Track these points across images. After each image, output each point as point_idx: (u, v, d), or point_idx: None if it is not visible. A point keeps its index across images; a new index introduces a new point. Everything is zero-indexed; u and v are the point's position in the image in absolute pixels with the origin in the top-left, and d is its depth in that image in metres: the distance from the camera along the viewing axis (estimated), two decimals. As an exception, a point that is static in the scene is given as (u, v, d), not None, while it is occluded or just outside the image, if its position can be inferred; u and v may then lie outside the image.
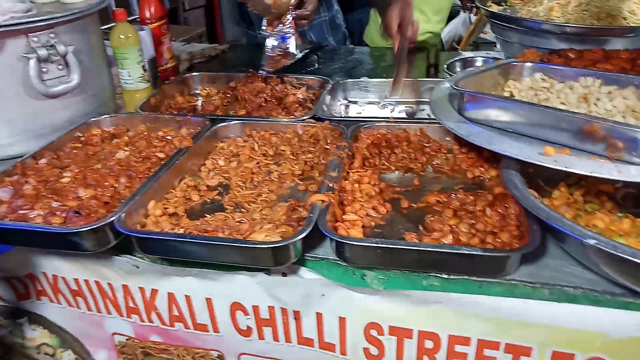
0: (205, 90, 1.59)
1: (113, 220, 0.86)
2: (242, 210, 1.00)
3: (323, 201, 0.89)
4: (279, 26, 1.45)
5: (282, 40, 1.46)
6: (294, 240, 0.79)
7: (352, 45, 2.17)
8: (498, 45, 1.70)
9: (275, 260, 0.82)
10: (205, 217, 0.98)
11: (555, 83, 1.08)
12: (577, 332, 0.76)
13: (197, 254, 0.85)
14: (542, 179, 0.91)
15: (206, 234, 0.86)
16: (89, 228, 0.85)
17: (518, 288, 0.77)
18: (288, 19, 1.44)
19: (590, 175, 0.75)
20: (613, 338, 0.75)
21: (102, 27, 1.48)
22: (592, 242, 0.61)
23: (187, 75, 1.61)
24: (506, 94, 1.11)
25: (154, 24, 1.60)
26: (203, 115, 1.32)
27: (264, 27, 1.48)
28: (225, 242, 0.82)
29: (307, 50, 1.56)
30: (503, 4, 1.70)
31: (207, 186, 1.09)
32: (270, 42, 1.50)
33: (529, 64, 1.14)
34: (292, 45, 1.47)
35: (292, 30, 1.44)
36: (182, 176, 1.09)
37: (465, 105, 1.00)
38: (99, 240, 0.87)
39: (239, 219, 0.95)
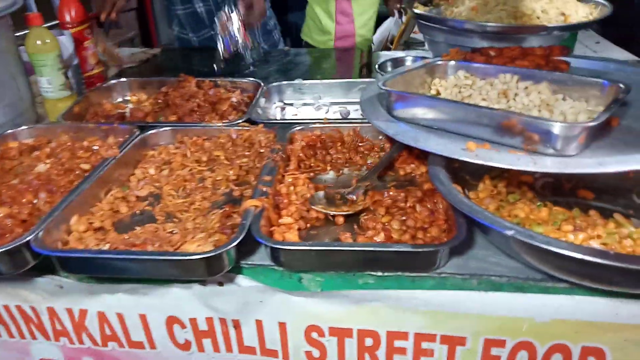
0: (135, 96, 1.53)
1: (29, 239, 0.80)
2: (174, 220, 0.97)
3: (256, 206, 0.87)
4: (229, 28, 1.49)
5: (230, 42, 1.50)
6: (226, 248, 0.77)
7: (287, 48, 2.16)
8: (426, 45, 1.76)
9: (209, 271, 0.80)
10: (135, 229, 0.93)
11: (477, 80, 1.13)
12: (505, 319, 0.79)
13: (124, 271, 0.81)
14: (468, 173, 0.94)
15: (134, 249, 0.82)
16: (2, 250, 0.78)
17: (449, 280, 0.80)
18: (236, 22, 1.49)
19: (509, 168, 0.78)
20: (538, 322, 0.79)
21: (18, 34, 1.39)
22: (510, 232, 0.64)
23: (115, 81, 1.53)
24: (433, 92, 1.15)
25: (75, 29, 1.52)
26: (131, 123, 1.26)
27: (217, 30, 1.52)
28: (154, 255, 0.79)
29: (262, 54, 1.62)
30: (429, 4, 1.75)
31: (137, 197, 1.04)
32: (221, 44, 1.54)
33: (452, 63, 1.18)
34: (242, 46, 1.53)
35: (242, 32, 1.51)
36: (109, 187, 1.04)
37: (393, 105, 1.02)
38: (15, 262, 0.81)
39: (170, 230, 0.92)
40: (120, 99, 1.52)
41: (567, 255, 0.60)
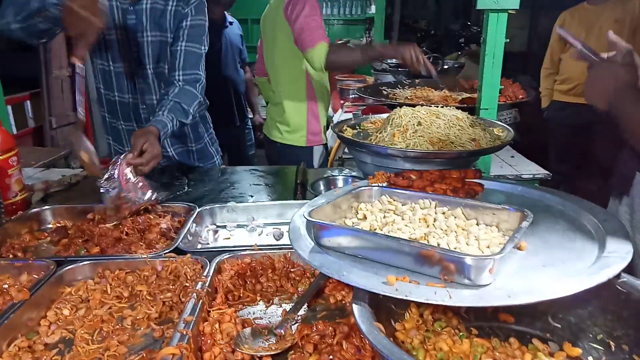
0: (60, 223, 1.46)
1: None
2: (85, 371, 0.88)
3: (174, 354, 0.82)
4: (112, 178, 1.42)
5: (118, 190, 1.41)
6: (136, 409, 0.71)
7: (223, 167, 2.22)
8: (356, 164, 1.86)
9: None
10: (38, 386, 0.84)
11: (400, 205, 1.19)
12: None
13: None
14: (393, 303, 0.95)
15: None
16: None
17: None
18: (115, 171, 1.42)
19: (427, 302, 0.80)
20: None
21: None
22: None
23: (36, 209, 1.48)
24: (360, 217, 1.19)
25: (0, 157, 1.48)
26: (48, 258, 1.20)
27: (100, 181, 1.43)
28: None
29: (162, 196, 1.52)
30: (357, 127, 1.90)
31: (45, 344, 0.95)
32: (109, 193, 1.42)
33: (376, 189, 1.25)
34: (133, 193, 1.43)
35: (126, 180, 1.42)
36: (14, 336, 0.95)
37: (318, 234, 1.04)
38: None
39: (78, 386, 0.83)
40: (42, 228, 1.45)
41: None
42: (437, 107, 1.70)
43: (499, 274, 0.87)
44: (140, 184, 1.45)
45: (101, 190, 1.41)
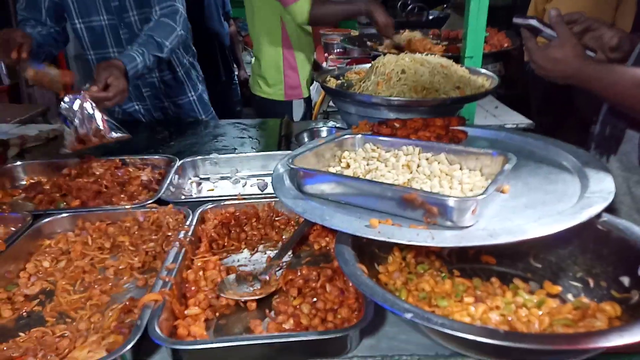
0: (33, 179, 1.42)
1: None
2: (67, 320, 0.88)
3: (156, 301, 0.82)
4: (72, 109, 1.32)
5: (77, 124, 1.33)
6: (119, 354, 0.71)
7: (204, 118, 2.17)
8: (340, 115, 1.83)
9: (102, 379, 0.72)
10: (20, 335, 0.83)
11: (383, 152, 1.18)
12: (418, 398, 0.77)
13: (-1, 389, 0.71)
14: (377, 247, 0.95)
15: (10, 363, 0.73)
16: None
17: (361, 364, 0.77)
18: (75, 102, 1.33)
19: (410, 243, 0.80)
20: (451, 398, 0.78)
21: None
22: (409, 316, 0.64)
23: (10, 165, 1.43)
24: (343, 165, 1.17)
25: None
26: (25, 211, 1.17)
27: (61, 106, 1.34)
28: (33, 370, 0.70)
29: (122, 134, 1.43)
30: (341, 77, 1.85)
31: (25, 295, 0.94)
32: (66, 123, 1.35)
33: (359, 137, 1.23)
34: (97, 124, 1.35)
35: (84, 115, 1.33)
36: (-8, 288, 0.93)
37: (301, 181, 1.02)
38: None
39: (60, 333, 0.83)
40: (16, 185, 1.41)
41: (460, 336, 0.60)
42: (422, 55, 1.66)
43: (481, 216, 0.87)
44: (100, 119, 1.35)
45: (59, 116, 1.33)
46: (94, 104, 1.34)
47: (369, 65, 1.86)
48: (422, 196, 0.88)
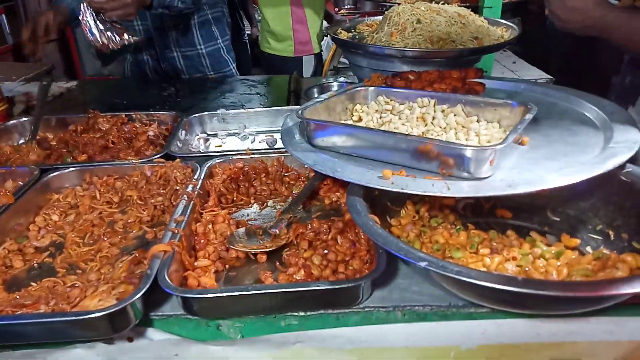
0: (40, 135, 1.40)
1: None
2: (78, 271, 0.88)
3: (165, 251, 0.81)
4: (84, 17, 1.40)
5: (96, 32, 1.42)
6: (129, 302, 0.70)
7: (212, 74, 2.11)
8: (351, 70, 1.77)
9: (113, 327, 0.72)
10: (31, 285, 0.84)
11: (397, 105, 1.13)
12: (431, 349, 0.77)
13: (12, 337, 0.71)
14: (389, 200, 0.93)
15: (22, 311, 0.72)
16: None
17: (373, 314, 0.76)
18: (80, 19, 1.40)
19: (424, 194, 0.77)
20: (464, 348, 0.77)
21: None
22: (423, 264, 0.62)
23: (15, 121, 1.41)
24: (354, 118, 1.14)
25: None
26: (33, 164, 1.15)
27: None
28: (44, 317, 0.70)
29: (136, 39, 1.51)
30: (352, 30, 1.78)
31: (35, 248, 0.94)
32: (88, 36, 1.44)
33: (372, 89, 1.18)
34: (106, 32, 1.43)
35: (88, 27, 1.42)
36: (2, 240, 0.93)
37: (312, 134, 0.99)
38: None
39: (71, 283, 0.83)
40: (22, 141, 1.39)
41: (477, 284, 0.58)
42: (438, 3, 1.58)
43: (499, 167, 0.83)
44: (107, 29, 1.41)
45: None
46: (94, 13, 1.40)
47: (381, 17, 1.79)
48: (438, 147, 0.84)
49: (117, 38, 1.43)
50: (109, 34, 1.42)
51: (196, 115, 1.46)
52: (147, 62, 2.02)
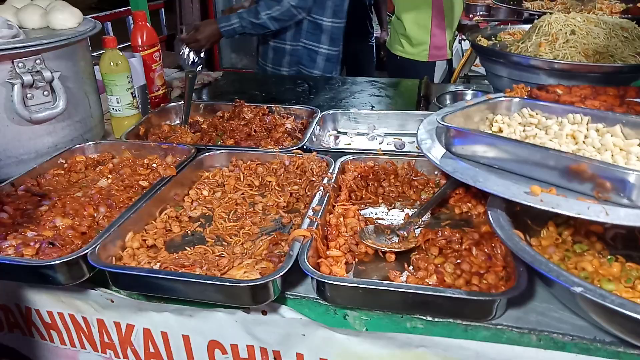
0: (191, 119, 1.57)
1: (86, 253, 0.83)
2: (224, 243, 0.97)
3: (305, 237, 0.86)
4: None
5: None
6: (272, 278, 0.76)
7: (342, 76, 2.19)
8: (488, 79, 1.71)
9: (254, 299, 0.79)
10: (185, 249, 0.95)
11: (543, 119, 1.08)
12: (566, 381, 0.72)
13: (172, 291, 0.82)
14: (530, 218, 0.89)
15: (182, 270, 0.83)
16: (61, 261, 0.81)
17: (505, 333, 0.74)
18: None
19: (578, 217, 0.73)
20: (604, 388, 0.71)
21: (94, 53, 1.48)
22: (578, 289, 0.58)
23: (174, 104, 1.59)
24: (494, 129, 1.10)
25: (146, 52, 1.60)
26: (190, 144, 1.30)
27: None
28: (202, 279, 0.79)
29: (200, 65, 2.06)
30: (493, 38, 1.72)
31: (189, 217, 1.06)
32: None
33: (517, 100, 1.13)
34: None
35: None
36: (164, 206, 1.06)
37: (452, 141, 0.99)
38: (72, 273, 0.84)
39: (219, 253, 0.92)
40: (177, 122, 1.57)
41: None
42: (598, 15, 1.46)
43: (666, 198, 0.75)
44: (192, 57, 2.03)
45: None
46: (185, 46, 2.03)
47: (526, 26, 1.70)
48: (595, 167, 0.79)
49: (196, 58, 2.06)
50: (191, 54, 2.05)
51: (330, 112, 1.52)
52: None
